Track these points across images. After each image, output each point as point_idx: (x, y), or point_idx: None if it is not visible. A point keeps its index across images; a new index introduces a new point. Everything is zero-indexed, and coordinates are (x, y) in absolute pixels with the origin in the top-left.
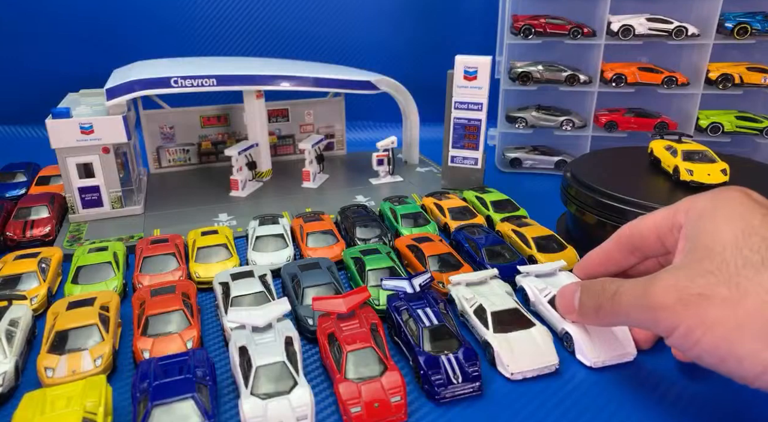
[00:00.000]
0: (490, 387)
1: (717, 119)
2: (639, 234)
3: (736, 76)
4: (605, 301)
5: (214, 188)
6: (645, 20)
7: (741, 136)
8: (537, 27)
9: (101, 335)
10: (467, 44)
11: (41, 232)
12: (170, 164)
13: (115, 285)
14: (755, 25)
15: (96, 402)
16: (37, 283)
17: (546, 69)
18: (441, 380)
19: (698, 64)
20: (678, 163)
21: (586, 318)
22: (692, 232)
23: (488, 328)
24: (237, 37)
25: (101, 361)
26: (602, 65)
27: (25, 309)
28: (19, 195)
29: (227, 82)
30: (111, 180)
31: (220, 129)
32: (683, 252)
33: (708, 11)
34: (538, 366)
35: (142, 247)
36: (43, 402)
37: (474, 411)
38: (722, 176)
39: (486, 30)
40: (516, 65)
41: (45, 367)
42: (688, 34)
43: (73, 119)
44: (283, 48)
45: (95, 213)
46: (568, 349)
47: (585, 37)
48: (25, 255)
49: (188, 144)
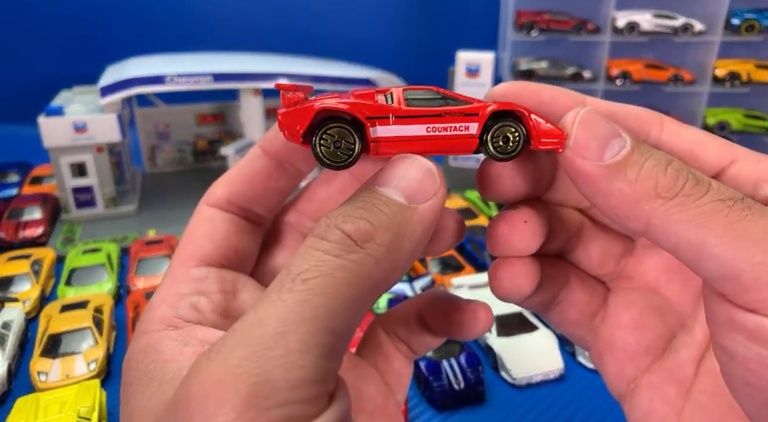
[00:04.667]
0: (493, 392)
1: (724, 117)
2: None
3: (743, 74)
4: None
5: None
6: (651, 16)
7: (749, 135)
8: (540, 23)
9: (95, 338)
10: (468, 40)
11: (34, 233)
12: (165, 163)
13: (109, 288)
14: (763, 22)
15: (90, 407)
16: (30, 285)
17: (550, 66)
18: (442, 386)
19: (705, 62)
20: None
21: (611, 185)
22: None
23: (491, 332)
24: (234, 32)
25: (95, 365)
26: (607, 62)
27: (17, 312)
28: (11, 195)
29: (224, 80)
30: (105, 179)
31: (217, 127)
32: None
33: (715, 7)
34: (542, 371)
35: (137, 249)
36: (36, 407)
37: (476, 417)
38: None
39: (488, 26)
40: (519, 62)
41: (38, 371)
42: (695, 30)
43: (67, 117)
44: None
45: (89, 214)
46: (569, 351)
47: (589, 34)
48: (17, 257)
49: (183, 142)
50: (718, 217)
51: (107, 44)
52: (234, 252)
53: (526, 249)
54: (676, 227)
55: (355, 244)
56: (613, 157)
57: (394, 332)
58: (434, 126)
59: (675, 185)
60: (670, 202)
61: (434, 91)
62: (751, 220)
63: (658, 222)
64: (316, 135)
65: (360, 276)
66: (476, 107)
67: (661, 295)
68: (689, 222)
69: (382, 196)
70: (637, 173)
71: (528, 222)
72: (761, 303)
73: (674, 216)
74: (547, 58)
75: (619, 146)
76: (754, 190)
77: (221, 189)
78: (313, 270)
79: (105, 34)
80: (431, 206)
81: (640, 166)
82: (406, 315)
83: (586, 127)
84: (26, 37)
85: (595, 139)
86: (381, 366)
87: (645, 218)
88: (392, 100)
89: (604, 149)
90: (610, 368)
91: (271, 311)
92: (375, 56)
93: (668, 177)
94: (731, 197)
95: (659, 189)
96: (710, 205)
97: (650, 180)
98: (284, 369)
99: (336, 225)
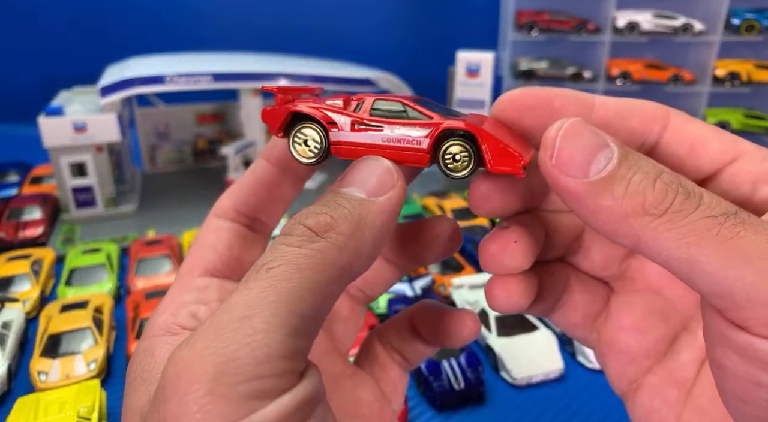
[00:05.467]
0: (493, 392)
1: (724, 117)
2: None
3: (743, 74)
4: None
5: (209, 188)
6: (651, 16)
7: (749, 135)
8: (540, 23)
9: (95, 338)
10: (468, 40)
11: (34, 233)
12: (165, 163)
13: (109, 288)
14: (763, 22)
15: (90, 407)
16: (30, 285)
17: (550, 66)
18: (442, 386)
19: (705, 62)
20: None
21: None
22: None
23: (491, 332)
24: (233, 32)
25: (95, 365)
26: (607, 62)
27: (17, 312)
28: (11, 195)
29: (224, 80)
30: (104, 179)
31: (216, 127)
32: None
33: (715, 7)
34: (542, 371)
35: (137, 249)
36: (36, 407)
37: (476, 417)
38: None
39: (488, 25)
40: (519, 62)
41: (38, 371)
42: (695, 30)
43: (67, 117)
44: (281, 43)
45: (89, 214)
46: (569, 351)
47: (589, 34)
48: (17, 257)
49: (183, 142)
50: (709, 235)
51: (107, 44)
52: (236, 262)
53: (518, 268)
54: (666, 244)
55: (316, 235)
56: (599, 172)
57: (388, 342)
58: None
59: (664, 201)
60: (659, 219)
61: (402, 104)
62: (744, 237)
63: (648, 240)
64: (290, 133)
65: (323, 263)
66: (432, 123)
67: (664, 297)
68: (680, 240)
69: (344, 193)
70: (624, 189)
71: (518, 242)
72: (753, 321)
73: (664, 233)
74: (547, 57)
75: (606, 159)
76: (752, 190)
77: (227, 199)
78: (277, 260)
79: (105, 34)
80: (390, 198)
81: (628, 181)
82: (399, 325)
83: (570, 141)
84: (26, 37)
85: (579, 153)
86: (377, 375)
87: (634, 235)
88: (359, 109)
89: (589, 164)
90: (613, 369)
91: (237, 298)
92: (375, 56)
93: (657, 192)
94: (724, 212)
95: (647, 205)
96: (701, 222)
97: (638, 196)
98: (250, 348)
99: (299, 221)
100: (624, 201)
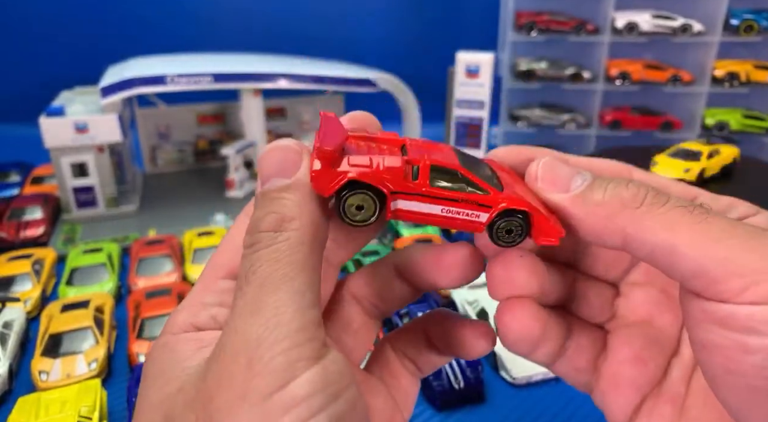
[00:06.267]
0: (493, 392)
1: (723, 118)
2: None
3: (742, 74)
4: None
5: (210, 188)
6: (650, 17)
7: (748, 135)
8: (540, 23)
9: (96, 338)
10: (468, 40)
11: (35, 233)
12: (166, 163)
13: (110, 287)
14: (762, 23)
15: (91, 406)
16: (31, 285)
17: (549, 66)
18: (442, 385)
19: (704, 62)
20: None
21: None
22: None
23: None
24: (234, 32)
25: (96, 365)
26: (607, 62)
27: (18, 312)
28: (12, 195)
29: (224, 80)
30: (106, 180)
31: (217, 128)
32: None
33: (714, 8)
34: (542, 371)
35: (138, 248)
36: (37, 407)
37: (476, 416)
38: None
39: (487, 26)
40: (519, 62)
41: (39, 371)
42: (694, 31)
43: (68, 118)
44: (282, 44)
45: (90, 214)
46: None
47: (589, 34)
48: (18, 257)
49: (184, 143)
50: (683, 221)
51: (108, 45)
52: None
53: (526, 286)
54: (649, 233)
55: (275, 231)
56: (578, 187)
57: (401, 350)
58: (449, 209)
59: (638, 197)
60: (638, 210)
61: (459, 172)
62: (710, 222)
63: (632, 231)
64: (342, 196)
65: (295, 245)
66: (491, 199)
67: (656, 327)
68: (659, 227)
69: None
70: (603, 193)
71: (523, 256)
72: (730, 292)
73: (645, 222)
74: (546, 58)
75: (582, 178)
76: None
77: None
78: (256, 263)
79: (106, 35)
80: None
81: (604, 188)
82: (413, 333)
83: (550, 169)
84: (27, 37)
85: (559, 177)
86: (388, 383)
87: (620, 230)
88: (417, 176)
89: (568, 183)
90: (616, 403)
91: (239, 303)
92: (375, 56)
93: (630, 191)
94: (690, 204)
95: (625, 202)
96: (674, 211)
97: (616, 196)
98: (270, 331)
99: (256, 230)
100: (605, 203)
